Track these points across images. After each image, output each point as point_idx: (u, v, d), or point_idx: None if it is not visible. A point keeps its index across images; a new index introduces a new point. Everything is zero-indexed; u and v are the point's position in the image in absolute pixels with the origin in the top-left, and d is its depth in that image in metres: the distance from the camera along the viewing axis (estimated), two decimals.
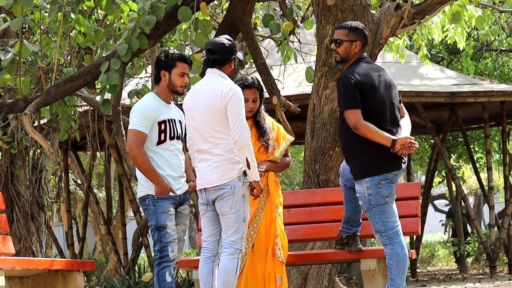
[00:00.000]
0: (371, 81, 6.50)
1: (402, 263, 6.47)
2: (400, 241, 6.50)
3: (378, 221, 6.48)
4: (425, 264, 25.89)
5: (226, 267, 6.27)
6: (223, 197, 6.33)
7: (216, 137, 6.35)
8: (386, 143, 6.40)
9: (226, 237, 6.35)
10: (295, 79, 14.46)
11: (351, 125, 6.41)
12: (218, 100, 6.32)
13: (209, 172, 6.36)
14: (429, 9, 8.53)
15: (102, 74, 8.22)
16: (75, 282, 7.35)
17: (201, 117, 6.39)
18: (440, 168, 20.94)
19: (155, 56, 10.46)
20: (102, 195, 27.00)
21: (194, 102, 6.45)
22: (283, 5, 9.82)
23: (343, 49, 6.63)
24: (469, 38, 18.04)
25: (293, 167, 29.59)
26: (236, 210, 6.32)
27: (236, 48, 6.54)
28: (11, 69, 8.50)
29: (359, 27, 6.66)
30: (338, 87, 6.52)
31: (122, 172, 15.11)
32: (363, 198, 6.49)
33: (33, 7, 8.67)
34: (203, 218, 6.52)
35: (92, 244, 32.46)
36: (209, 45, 6.52)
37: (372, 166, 6.44)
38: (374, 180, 6.42)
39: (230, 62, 6.49)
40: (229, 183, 6.32)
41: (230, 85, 6.37)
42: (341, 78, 6.50)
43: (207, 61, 6.51)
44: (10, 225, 12.99)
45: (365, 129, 6.39)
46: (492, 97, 15.17)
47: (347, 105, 6.43)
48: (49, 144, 8.46)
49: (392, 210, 6.51)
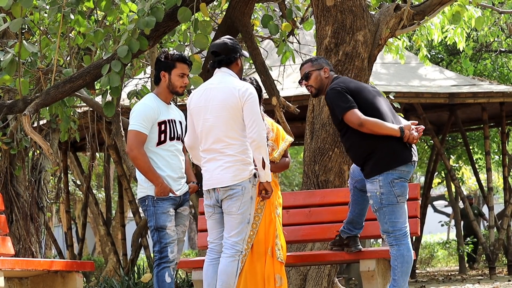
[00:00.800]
0: (355, 85, 6.63)
1: (407, 265, 6.48)
2: (407, 243, 6.51)
3: (387, 221, 6.48)
4: (424, 265, 25.89)
5: (227, 269, 6.24)
6: (232, 197, 6.28)
7: (230, 136, 6.29)
8: (395, 133, 6.42)
9: (228, 237, 6.29)
10: (295, 80, 14.46)
11: (355, 124, 6.41)
12: (235, 100, 6.27)
13: (220, 172, 6.29)
14: (429, 10, 8.53)
15: (104, 77, 8.22)
16: (74, 282, 7.34)
17: (215, 116, 6.32)
18: (439, 169, 20.97)
19: (155, 57, 10.47)
20: (101, 196, 27.00)
21: (206, 101, 6.37)
22: (282, 6, 9.82)
23: (314, 79, 6.78)
24: (469, 39, 18.04)
25: (292, 168, 29.60)
26: (243, 211, 6.29)
27: (239, 46, 6.52)
28: (10, 69, 8.49)
29: (318, 57, 6.87)
30: (328, 100, 6.58)
31: (122, 172, 15.11)
32: (375, 197, 6.48)
33: (33, 7, 8.66)
34: (210, 220, 6.46)
35: (91, 244, 32.46)
36: (212, 48, 6.49)
37: (385, 161, 6.43)
38: (388, 178, 6.42)
39: (236, 60, 6.46)
40: (240, 184, 6.27)
41: (246, 85, 6.34)
42: (327, 93, 6.60)
43: (213, 63, 6.47)
44: (10, 225, 12.99)
45: (370, 124, 6.41)
46: (491, 98, 15.19)
47: (343, 109, 6.45)
48: (48, 145, 8.45)
49: (403, 211, 6.52)
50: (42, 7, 8.59)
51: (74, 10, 8.62)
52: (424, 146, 21.60)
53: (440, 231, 37.47)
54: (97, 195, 26.78)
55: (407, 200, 6.68)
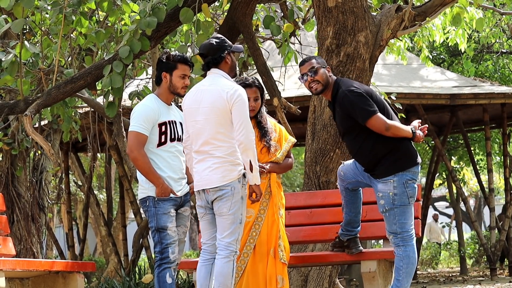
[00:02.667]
0: (365, 88, 6.65)
1: (412, 266, 6.51)
2: (413, 245, 6.55)
3: (396, 222, 6.51)
4: (425, 266, 25.90)
5: (223, 270, 6.25)
6: (222, 198, 6.29)
7: (219, 139, 6.31)
8: (408, 135, 6.55)
9: (221, 238, 6.30)
10: (296, 81, 14.45)
11: (381, 129, 6.46)
12: (223, 102, 6.28)
13: (209, 173, 6.32)
14: (430, 11, 8.52)
15: (105, 78, 8.22)
16: (75, 283, 7.35)
17: (204, 119, 6.34)
18: (440, 170, 20.97)
19: (156, 58, 10.48)
20: (102, 197, 27.00)
21: (197, 102, 6.40)
22: (283, 6, 9.82)
23: (321, 75, 6.71)
24: (470, 40, 18.04)
25: (294, 168, 29.60)
26: (234, 211, 6.29)
27: (227, 43, 6.46)
28: (12, 70, 8.49)
29: (314, 56, 6.88)
30: (348, 103, 6.52)
31: (123, 173, 15.11)
32: (387, 198, 6.50)
33: (34, 8, 8.67)
34: (202, 221, 6.48)
35: (92, 245, 32.46)
36: (199, 50, 6.50)
37: (401, 161, 6.51)
38: (403, 179, 6.48)
39: (224, 59, 6.43)
40: (229, 184, 6.29)
41: (235, 86, 6.33)
42: (346, 95, 6.53)
43: (203, 65, 6.49)
44: (11, 226, 12.99)
45: (394, 128, 6.52)
46: (492, 99, 15.18)
47: (369, 113, 6.47)
48: (49, 145, 8.46)
49: (411, 213, 6.58)
50: (43, 7, 8.59)
51: (76, 11, 8.62)
52: (426, 147, 21.60)
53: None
54: (98, 195, 26.78)
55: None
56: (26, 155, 13.56)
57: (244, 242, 6.70)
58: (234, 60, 6.52)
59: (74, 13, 8.62)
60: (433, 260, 26.16)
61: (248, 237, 6.73)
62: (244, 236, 6.70)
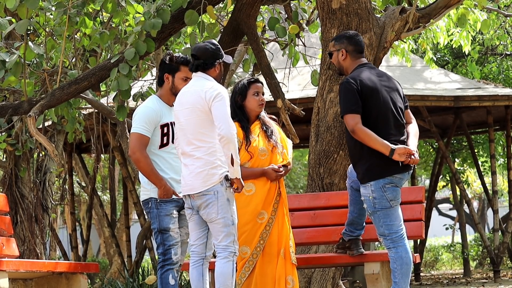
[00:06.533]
0: (372, 85, 6.52)
1: (406, 266, 6.47)
2: (404, 245, 6.50)
3: (382, 225, 6.49)
4: (429, 268, 25.87)
5: (223, 270, 6.26)
6: (208, 204, 6.29)
7: (199, 139, 6.32)
8: (384, 151, 6.39)
9: (218, 243, 6.32)
10: (300, 82, 14.46)
11: (349, 129, 6.43)
12: (202, 102, 6.29)
13: (191, 179, 6.33)
14: (434, 13, 8.51)
15: (113, 81, 8.23)
16: (78, 284, 7.35)
17: (186, 119, 6.36)
18: (444, 172, 20.92)
19: (160, 59, 10.48)
20: (106, 198, 27.00)
21: (180, 104, 6.44)
22: (288, 8, 9.81)
23: (334, 59, 6.78)
24: (474, 42, 18.02)
25: (297, 170, 29.58)
26: (223, 215, 6.29)
27: (220, 52, 6.48)
28: (16, 71, 8.50)
29: (342, 35, 6.79)
30: (339, 91, 6.56)
31: (126, 174, 15.12)
32: (368, 202, 6.50)
33: (39, 9, 8.68)
34: (190, 222, 6.49)
35: (96, 246, 32.45)
36: (193, 51, 6.50)
37: (376, 170, 6.44)
38: (379, 183, 6.42)
39: (214, 67, 6.44)
40: (211, 189, 6.29)
41: (214, 85, 6.33)
42: (343, 83, 6.55)
43: (191, 66, 6.49)
44: (14, 227, 13.00)
45: (362, 134, 6.39)
46: (496, 101, 15.16)
47: (346, 109, 6.46)
48: (53, 146, 8.47)
49: (397, 214, 6.51)
50: (48, 8, 8.60)
51: (80, 12, 8.63)
52: (429, 149, 21.58)
53: (444, 234, 37.40)
54: (102, 197, 26.77)
55: (411, 203, 6.68)
56: (30, 156, 13.57)
57: (256, 243, 6.72)
58: (222, 70, 6.54)
59: (79, 14, 8.62)
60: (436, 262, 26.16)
61: (259, 239, 6.75)
62: (255, 237, 6.72)
